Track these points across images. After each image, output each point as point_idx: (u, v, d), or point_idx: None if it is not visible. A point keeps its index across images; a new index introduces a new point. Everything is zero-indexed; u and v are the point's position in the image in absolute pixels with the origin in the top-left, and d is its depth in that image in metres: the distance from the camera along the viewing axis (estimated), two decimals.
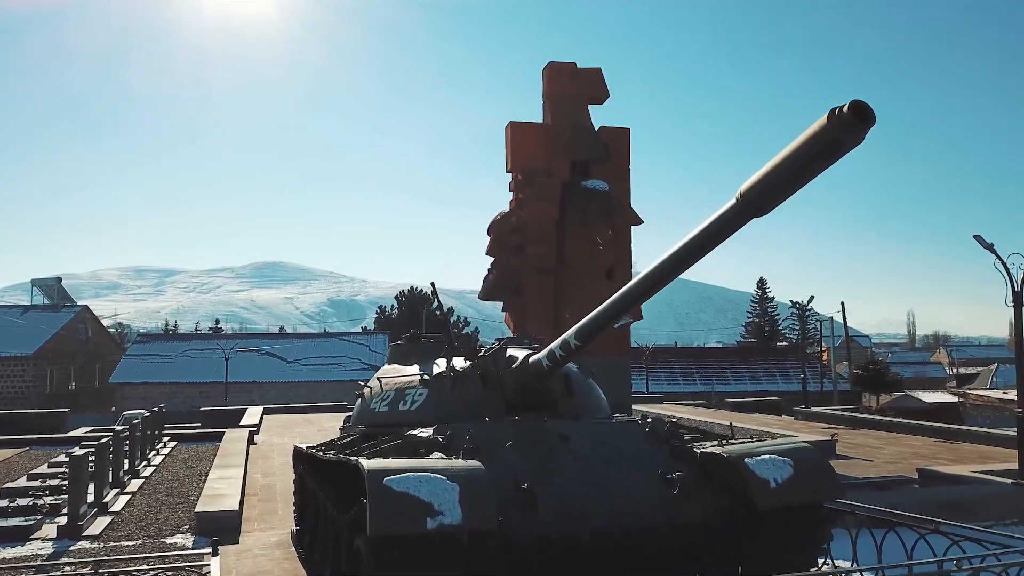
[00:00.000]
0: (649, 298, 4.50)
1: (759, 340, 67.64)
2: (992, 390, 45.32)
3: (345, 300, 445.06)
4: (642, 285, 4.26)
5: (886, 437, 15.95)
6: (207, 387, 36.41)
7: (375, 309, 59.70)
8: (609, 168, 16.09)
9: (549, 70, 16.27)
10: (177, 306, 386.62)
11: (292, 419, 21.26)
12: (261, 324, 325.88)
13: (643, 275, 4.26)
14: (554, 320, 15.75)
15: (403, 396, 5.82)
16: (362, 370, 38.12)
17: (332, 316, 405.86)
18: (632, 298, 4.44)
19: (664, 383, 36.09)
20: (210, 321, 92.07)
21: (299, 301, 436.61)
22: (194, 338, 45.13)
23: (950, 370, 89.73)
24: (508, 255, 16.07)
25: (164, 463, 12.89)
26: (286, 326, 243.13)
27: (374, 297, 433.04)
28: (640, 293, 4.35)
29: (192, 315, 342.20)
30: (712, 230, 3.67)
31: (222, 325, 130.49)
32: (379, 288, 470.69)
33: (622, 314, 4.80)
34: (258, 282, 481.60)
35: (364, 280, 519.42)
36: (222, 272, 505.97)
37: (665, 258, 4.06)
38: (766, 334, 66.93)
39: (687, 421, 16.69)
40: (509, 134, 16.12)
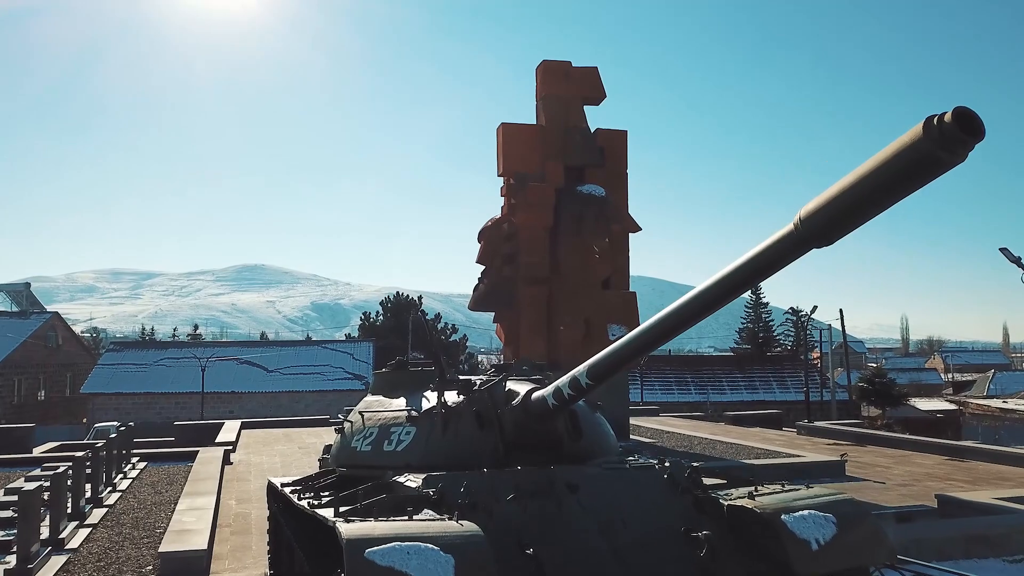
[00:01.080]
0: (678, 335, 3.98)
1: (753, 347, 67.45)
2: (992, 399, 45.27)
3: (329, 304, 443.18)
4: (674, 319, 3.72)
5: (894, 455, 15.53)
6: (184, 398, 35.61)
7: (360, 314, 58.99)
8: (605, 172, 15.67)
9: (542, 69, 15.82)
10: (155, 310, 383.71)
11: (272, 434, 20.60)
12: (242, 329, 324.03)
13: (676, 308, 3.73)
14: (548, 333, 15.30)
15: (388, 435, 5.27)
16: (346, 379, 37.45)
17: (316, 320, 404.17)
18: (659, 334, 3.91)
19: (658, 392, 35.68)
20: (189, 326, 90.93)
21: (281, 305, 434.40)
22: (170, 346, 44.25)
23: (945, 376, 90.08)
24: (499, 264, 15.61)
25: (131, 488, 12.25)
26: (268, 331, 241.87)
27: (359, 301, 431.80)
28: (671, 328, 3.82)
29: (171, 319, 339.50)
30: (761, 262, 3.14)
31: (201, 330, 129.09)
32: (364, 292, 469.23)
33: (645, 352, 4.27)
34: (239, 285, 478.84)
35: (348, 283, 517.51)
36: (202, 275, 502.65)
37: (702, 290, 3.53)
38: (760, 341, 66.74)
39: (685, 438, 16.33)
40: (500, 136, 15.64)
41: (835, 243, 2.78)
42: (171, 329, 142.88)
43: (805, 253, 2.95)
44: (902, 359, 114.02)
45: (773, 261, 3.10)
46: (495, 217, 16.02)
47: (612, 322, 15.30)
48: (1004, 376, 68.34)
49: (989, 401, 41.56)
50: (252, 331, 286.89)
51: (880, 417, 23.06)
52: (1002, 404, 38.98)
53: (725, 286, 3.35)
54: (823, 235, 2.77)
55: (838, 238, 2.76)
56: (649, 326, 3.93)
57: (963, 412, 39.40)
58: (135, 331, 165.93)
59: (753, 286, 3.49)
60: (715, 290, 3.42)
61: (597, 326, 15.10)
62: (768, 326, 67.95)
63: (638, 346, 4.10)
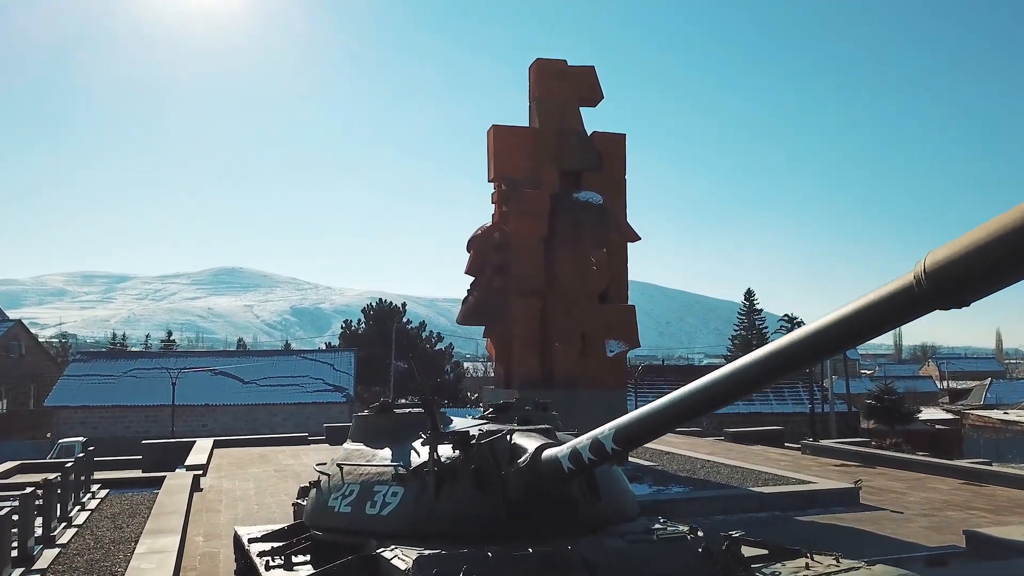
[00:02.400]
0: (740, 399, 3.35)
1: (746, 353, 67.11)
2: (991, 409, 45.16)
3: (309, 308, 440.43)
4: (738, 382, 3.07)
5: (906, 478, 15.05)
6: (154, 411, 34.62)
7: (341, 318, 58.13)
8: (603, 178, 15.11)
9: (536, 68, 15.24)
10: (128, 314, 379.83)
11: (246, 454, 19.83)
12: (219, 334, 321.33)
13: (742, 367, 3.08)
14: (542, 349, 14.71)
15: (371, 494, 4.63)
16: (325, 391, 36.63)
17: (295, 325, 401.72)
18: (716, 397, 3.24)
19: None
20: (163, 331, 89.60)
21: (259, 309, 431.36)
22: (140, 356, 43.17)
23: (940, 384, 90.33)
24: (490, 275, 15.01)
25: (89, 521, 11.48)
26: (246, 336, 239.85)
27: (339, 305, 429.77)
28: (732, 392, 3.16)
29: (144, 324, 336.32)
30: (870, 319, 2.48)
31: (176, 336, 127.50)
32: (345, 296, 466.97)
33: (691, 418, 3.62)
34: (216, 289, 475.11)
35: (329, 287, 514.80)
36: (177, 278, 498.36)
37: (777, 350, 2.90)
38: (754, 348, 66.48)
39: (687, 461, 15.77)
40: (491, 139, 15.05)
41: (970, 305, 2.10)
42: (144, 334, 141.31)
43: (925, 314, 2.31)
44: (896, 366, 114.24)
45: (884, 319, 2.46)
46: (485, 225, 15.41)
47: (610, 337, 14.74)
48: (1001, 385, 68.57)
49: (989, 412, 41.42)
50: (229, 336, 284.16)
51: (889, 436, 22.64)
52: (1003, 416, 38.84)
53: (815, 346, 2.69)
54: (958, 296, 2.11)
55: (976, 299, 2.10)
56: (704, 385, 3.27)
57: (963, 424, 39.22)
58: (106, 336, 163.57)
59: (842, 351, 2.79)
60: (795, 353, 2.80)
61: (595, 342, 14.53)
62: (762, 333, 67.74)
63: (683, 409, 3.43)
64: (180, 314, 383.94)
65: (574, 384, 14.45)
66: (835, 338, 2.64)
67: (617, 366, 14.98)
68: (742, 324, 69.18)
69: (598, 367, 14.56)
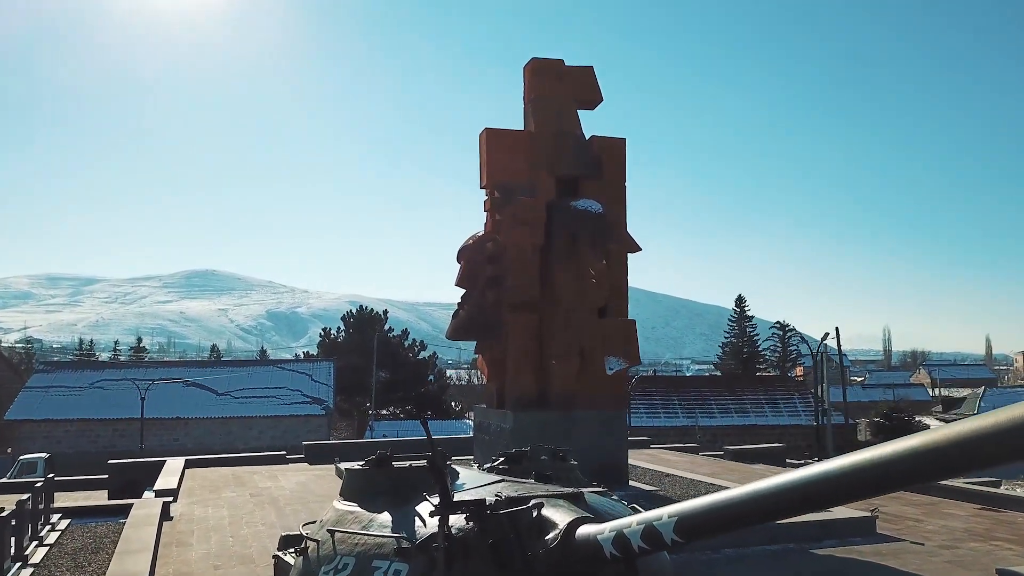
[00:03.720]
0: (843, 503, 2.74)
1: (737, 362, 67.24)
2: None
3: (285, 312, 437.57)
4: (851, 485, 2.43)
5: (920, 502, 14.66)
6: (123, 424, 33.67)
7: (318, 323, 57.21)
8: (601, 185, 14.62)
9: (531, 68, 14.75)
10: (96, 318, 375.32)
11: (220, 475, 19.11)
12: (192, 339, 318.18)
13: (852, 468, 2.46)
14: (538, 366, 14.17)
15: (369, 570, 4.04)
16: (303, 403, 35.87)
17: (271, 330, 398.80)
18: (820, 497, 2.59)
19: (644, 416, 34.78)
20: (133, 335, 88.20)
21: (234, 313, 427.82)
22: (107, 367, 42.08)
23: (932, 391, 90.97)
24: (482, 287, 14.46)
25: (48, 559, 10.78)
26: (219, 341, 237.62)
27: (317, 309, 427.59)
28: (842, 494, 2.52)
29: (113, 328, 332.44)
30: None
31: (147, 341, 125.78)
32: (323, 300, 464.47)
33: (775, 519, 2.96)
34: (188, 292, 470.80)
35: (306, 291, 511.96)
36: (147, 281, 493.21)
37: (903, 453, 2.28)
38: (745, 356, 66.54)
39: (690, 484, 15.26)
40: (484, 143, 14.52)
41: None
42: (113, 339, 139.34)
43: None
44: (887, 373, 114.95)
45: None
46: (477, 234, 14.88)
47: (610, 354, 14.24)
48: (994, 393, 68.92)
49: None
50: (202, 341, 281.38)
51: None
52: None
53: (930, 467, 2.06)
54: None
55: None
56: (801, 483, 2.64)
57: None
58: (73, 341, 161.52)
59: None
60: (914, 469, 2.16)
61: (593, 359, 14.03)
62: (753, 341, 67.78)
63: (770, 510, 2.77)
64: (151, 318, 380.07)
65: (571, 404, 13.96)
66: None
67: (617, 384, 14.48)
68: (733, 331, 69.13)
69: (597, 385, 14.07)
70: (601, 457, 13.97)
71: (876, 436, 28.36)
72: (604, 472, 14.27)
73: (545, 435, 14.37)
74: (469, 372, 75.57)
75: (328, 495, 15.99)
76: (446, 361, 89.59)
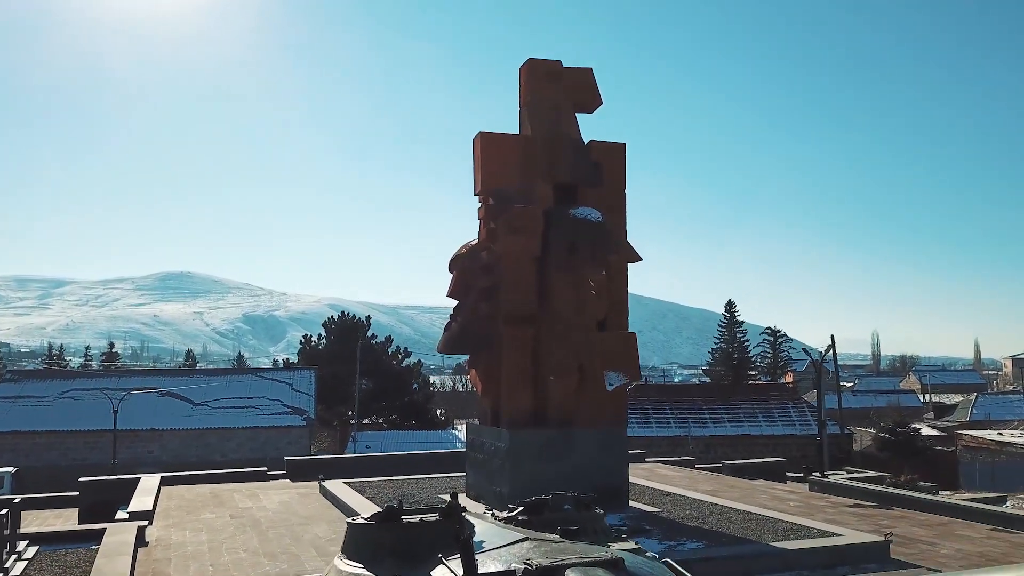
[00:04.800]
0: None
1: (727, 368, 67.31)
2: (983, 429, 45.44)
3: (262, 316, 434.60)
4: None
5: (930, 522, 14.42)
6: (94, 436, 32.88)
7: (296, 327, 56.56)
8: (600, 192, 14.27)
9: (528, 69, 14.39)
10: (66, 322, 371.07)
11: (198, 494, 18.54)
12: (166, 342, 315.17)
13: None
14: (534, 382, 13.80)
15: None
16: (283, 414, 35.25)
17: (248, 334, 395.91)
18: None
19: (636, 426, 34.47)
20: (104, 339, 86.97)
21: (210, 317, 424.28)
22: (78, 375, 41.18)
23: (923, 397, 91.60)
24: (476, 299, 14.08)
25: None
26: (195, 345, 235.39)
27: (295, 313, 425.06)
28: None
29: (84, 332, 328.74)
30: None
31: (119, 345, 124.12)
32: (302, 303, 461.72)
33: None
34: (162, 295, 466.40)
35: (284, 293, 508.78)
36: (120, 283, 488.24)
37: None
38: (735, 362, 66.62)
39: (692, 504, 14.95)
40: (478, 148, 14.15)
41: None
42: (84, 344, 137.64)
43: None
44: (875, 378, 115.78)
45: None
46: (470, 243, 14.50)
47: (610, 369, 13.90)
48: (986, 400, 69.54)
49: (983, 433, 41.55)
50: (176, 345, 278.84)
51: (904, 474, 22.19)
52: (997, 436, 38.94)
53: None
54: None
55: None
56: None
57: (956, 445, 39.23)
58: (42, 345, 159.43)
59: None
60: None
61: (593, 374, 13.67)
62: (743, 347, 67.82)
63: None
64: (123, 322, 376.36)
65: (569, 422, 13.62)
66: None
67: (617, 401, 14.13)
68: (723, 337, 69.14)
69: (596, 402, 13.72)
70: (601, 477, 13.63)
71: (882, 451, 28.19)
72: (604, 492, 13.97)
73: (542, 454, 14.04)
74: (453, 379, 75.10)
75: (312, 516, 15.53)
76: (429, 367, 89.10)
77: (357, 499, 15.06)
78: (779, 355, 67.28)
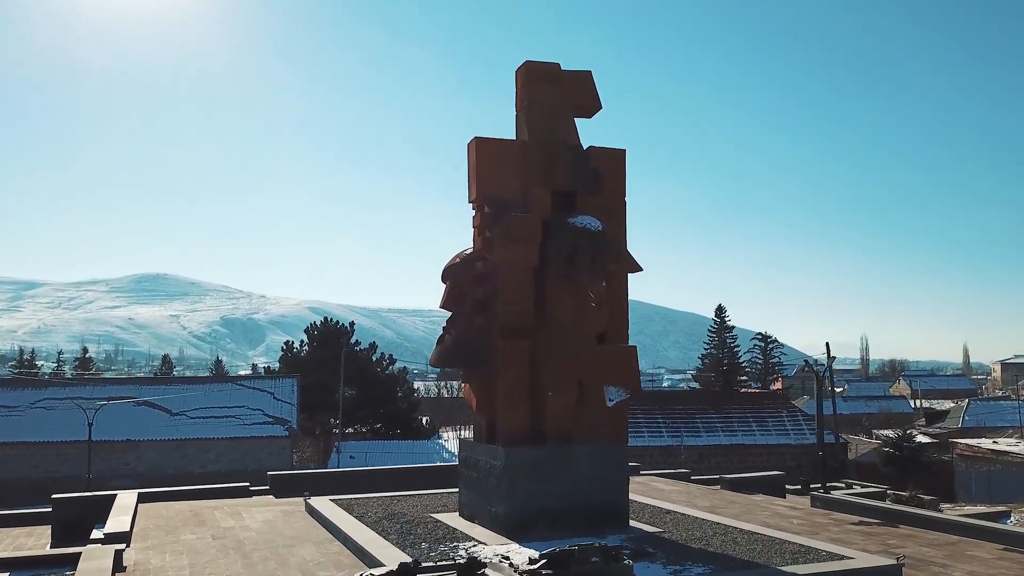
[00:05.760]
0: None
1: (717, 375, 67.37)
2: (977, 437, 45.58)
3: (241, 319, 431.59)
4: None
5: (939, 542, 14.24)
6: (68, 448, 32.18)
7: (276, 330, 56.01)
8: (600, 200, 13.97)
9: (525, 72, 14.07)
10: (38, 325, 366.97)
11: (177, 512, 18.03)
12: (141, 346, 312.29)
13: None
14: (531, 398, 13.47)
15: None
16: (265, 424, 34.72)
17: (226, 337, 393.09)
18: None
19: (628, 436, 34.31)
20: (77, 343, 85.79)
21: (187, 320, 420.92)
22: (50, 384, 40.33)
23: (913, 403, 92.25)
24: (470, 311, 13.73)
25: None
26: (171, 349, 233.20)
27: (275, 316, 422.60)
28: None
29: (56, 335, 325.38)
30: None
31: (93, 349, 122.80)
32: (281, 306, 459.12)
33: None
34: (138, 297, 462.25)
35: (263, 296, 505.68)
36: (94, 285, 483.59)
37: None
38: (725, 368, 66.71)
39: (694, 523, 14.69)
40: (473, 154, 13.82)
41: None
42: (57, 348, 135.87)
43: None
44: (865, 384, 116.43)
45: None
46: (465, 252, 14.15)
47: (610, 383, 13.59)
48: (978, 406, 69.95)
49: (978, 441, 41.65)
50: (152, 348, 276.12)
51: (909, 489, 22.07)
52: (992, 445, 39.04)
53: None
54: None
55: None
56: None
57: (952, 454, 39.30)
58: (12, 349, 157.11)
59: None
60: None
61: (593, 389, 13.36)
62: (733, 352, 67.88)
63: None
64: (97, 324, 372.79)
65: (568, 439, 13.30)
66: None
67: (617, 416, 13.81)
68: (712, 342, 69.16)
69: (596, 418, 13.41)
70: (601, 496, 13.35)
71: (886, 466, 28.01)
72: (604, 512, 13.67)
73: (540, 473, 13.71)
74: (438, 385, 74.66)
75: (299, 537, 15.10)
76: (412, 371, 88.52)
77: (345, 518, 14.66)
78: (770, 361, 67.33)
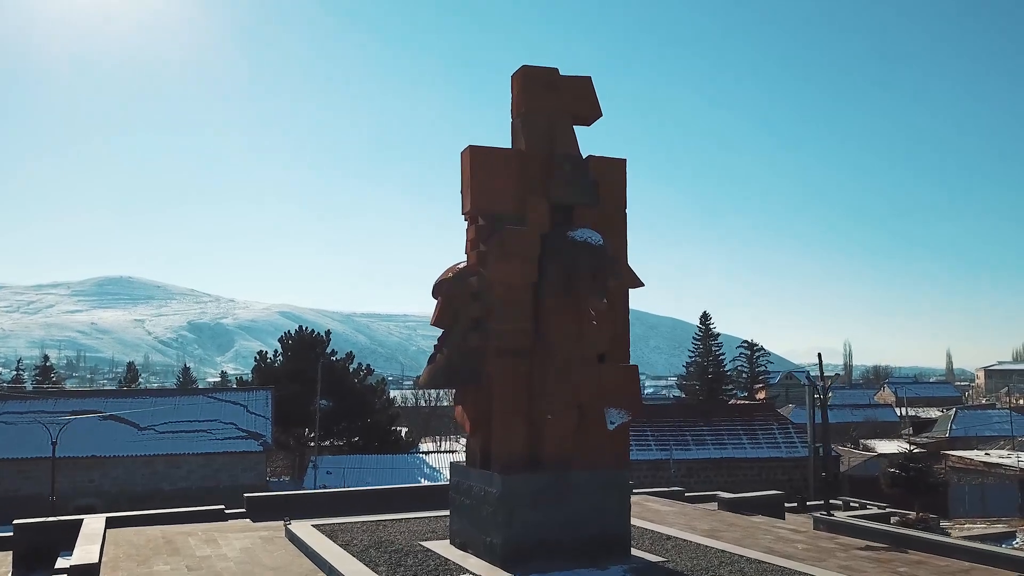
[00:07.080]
0: None
1: (701, 383, 67.42)
2: (969, 449, 45.89)
3: (209, 324, 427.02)
4: None
5: (951, 569, 14.04)
6: (29, 465, 31.26)
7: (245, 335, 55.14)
8: (599, 213, 13.64)
9: (522, 77, 13.71)
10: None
11: (148, 538, 17.41)
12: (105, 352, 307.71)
13: None
14: (528, 421, 13.09)
15: None
16: (238, 439, 34.01)
17: (193, 343, 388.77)
18: None
19: None
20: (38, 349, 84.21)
21: (152, 324, 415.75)
22: (10, 398, 39.25)
23: (899, 411, 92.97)
24: (464, 330, 13.32)
25: None
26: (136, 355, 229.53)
27: (244, 320, 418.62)
28: None
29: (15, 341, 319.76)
30: None
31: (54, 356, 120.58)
32: (250, 310, 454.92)
33: None
34: (101, 301, 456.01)
35: (232, 300, 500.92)
36: (55, 289, 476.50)
37: None
38: (711, 376, 66.82)
39: (698, 552, 14.39)
40: (468, 163, 13.41)
41: None
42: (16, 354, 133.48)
43: None
44: (850, 391, 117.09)
45: None
46: (458, 266, 13.74)
47: (611, 405, 13.25)
48: (965, 415, 70.58)
49: (970, 453, 41.92)
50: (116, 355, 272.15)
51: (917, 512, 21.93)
52: (984, 457, 39.30)
53: None
54: None
55: None
56: None
57: (943, 465, 39.47)
58: None
59: None
60: None
61: (593, 412, 13.01)
62: (719, 360, 68.01)
63: None
64: (58, 330, 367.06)
65: (568, 464, 12.93)
66: None
67: (618, 440, 13.48)
68: (698, 349, 69.27)
69: (596, 442, 13.07)
70: (601, 524, 13.00)
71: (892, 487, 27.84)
72: (605, 541, 13.31)
73: (538, 500, 13.31)
74: (415, 395, 74.01)
75: (280, 567, 14.56)
76: (387, 377, 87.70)
77: (329, 547, 14.19)
78: (756, 370, 67.55)
